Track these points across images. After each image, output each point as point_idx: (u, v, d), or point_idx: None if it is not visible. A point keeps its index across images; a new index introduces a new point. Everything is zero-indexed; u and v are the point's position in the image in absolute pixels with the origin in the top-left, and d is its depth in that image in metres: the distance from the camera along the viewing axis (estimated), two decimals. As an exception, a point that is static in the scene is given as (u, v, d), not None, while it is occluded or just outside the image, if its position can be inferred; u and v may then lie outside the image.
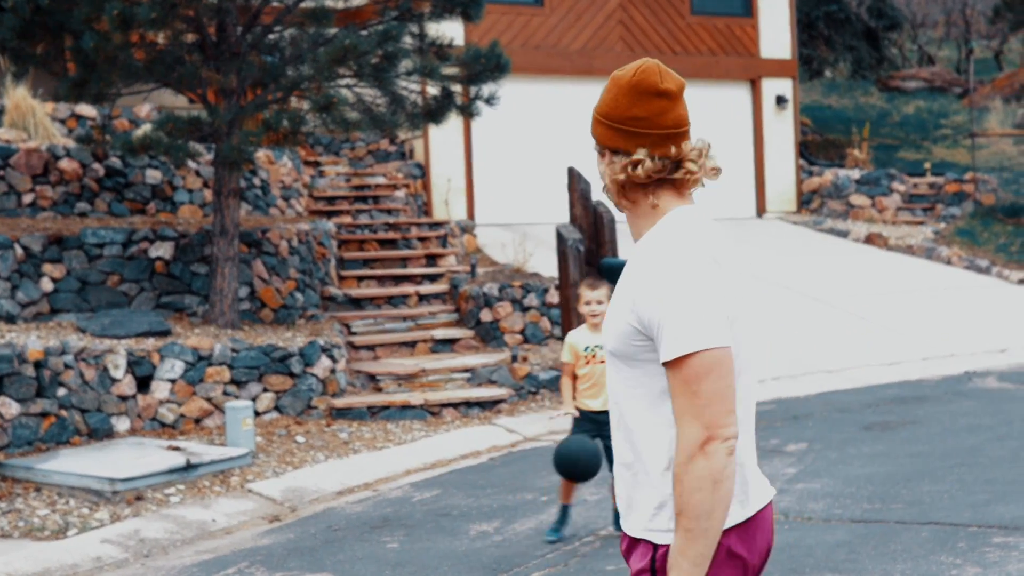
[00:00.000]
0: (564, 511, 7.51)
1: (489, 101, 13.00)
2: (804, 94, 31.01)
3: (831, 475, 8.77)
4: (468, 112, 13.04)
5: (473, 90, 13.18)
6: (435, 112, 13.07)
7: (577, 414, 7.32)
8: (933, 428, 10.27)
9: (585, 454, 6.98)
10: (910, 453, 9.34)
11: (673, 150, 2.86)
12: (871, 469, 8.88)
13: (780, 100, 22.09)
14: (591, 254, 12.67)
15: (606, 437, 6.95)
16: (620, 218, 19.74)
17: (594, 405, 7.20)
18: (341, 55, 11.36)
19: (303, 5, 12.34)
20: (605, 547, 7.27)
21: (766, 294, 16.64)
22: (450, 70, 13.08)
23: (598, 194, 13.18)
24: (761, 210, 22.02)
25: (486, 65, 12.69)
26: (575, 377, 7.34)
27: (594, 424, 7.20)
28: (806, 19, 30.53)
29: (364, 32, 12.37)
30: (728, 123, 21.96)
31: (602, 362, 6.92)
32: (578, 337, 7.37)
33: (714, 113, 21.77)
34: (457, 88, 13.16)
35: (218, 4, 11.80)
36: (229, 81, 12.12)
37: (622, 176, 2.89)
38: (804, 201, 22.37)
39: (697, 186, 2.95)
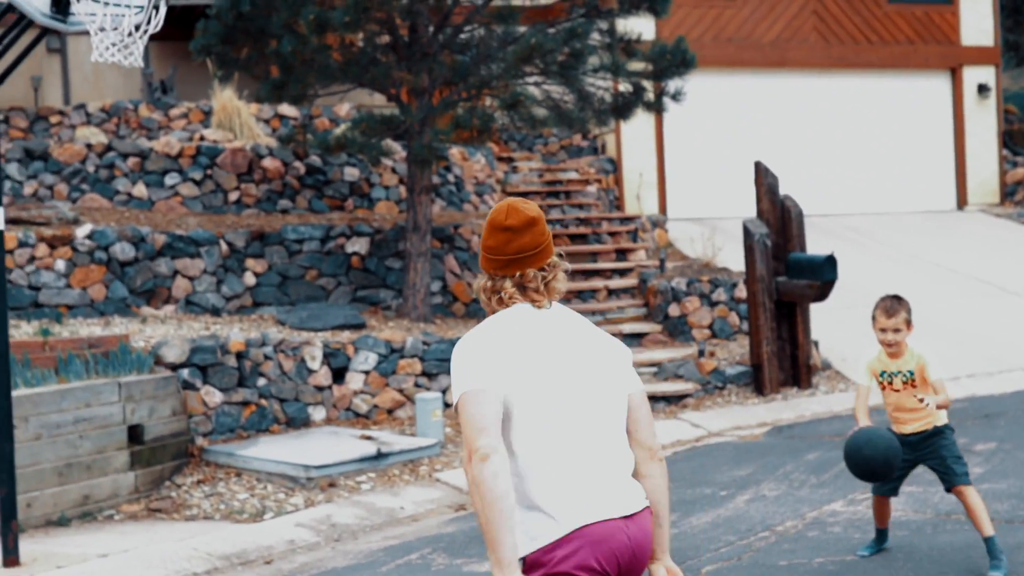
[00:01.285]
0: (880, 535, 6.96)
1: (675, 97, 13.07)
2: (1012, 81, 29.99)
3: (1019, 476, 8.59)
4: (655, 108, 13.14)
5: (660, 85, 13.25)
6: (622, 108, 13.20)
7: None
8: None
9: (872, 446, 6.24)
10: (1107, 454, 9.08)
11: (517, 273, 3.59)
12: (1063, 470, 8.67)
13: (982, 89, 21.44)
14: (778, 248, 12.61)
15: (921, 461, 6.69)
16: (808, 213, 19.53)
17: (906, 429, 6.65)
18: (527, 54, 11.59)
19: (492, 4, 12.61)
20: (780, 543, 7.30)
21: (964, 289, 16.25)
22: (637, 66, 13.18)
23: (785, 188, 13.14)
24: (962, 202, 21.42)
25: (672, 61, 12.75)
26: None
27: (908, 447, 6.64)
28: (1012, 3, 29.50)
29: (552, 30, 12.57)
30: (926, 113, 21.44)
31: (896, 390, 6.52)
32: (875, 362, 6.64)
33: (911, 103, 21.30)
34: (645, 84, 13.24)
35: (409, 6, 12.14)
36: (420, 80, 12.48)
37: (480, 290, 3.73)
38: (1008, 193, 21.68)
39: (546, 301, 3.63)
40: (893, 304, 6.51)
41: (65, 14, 7.16)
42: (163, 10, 7.40)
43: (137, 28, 7.49)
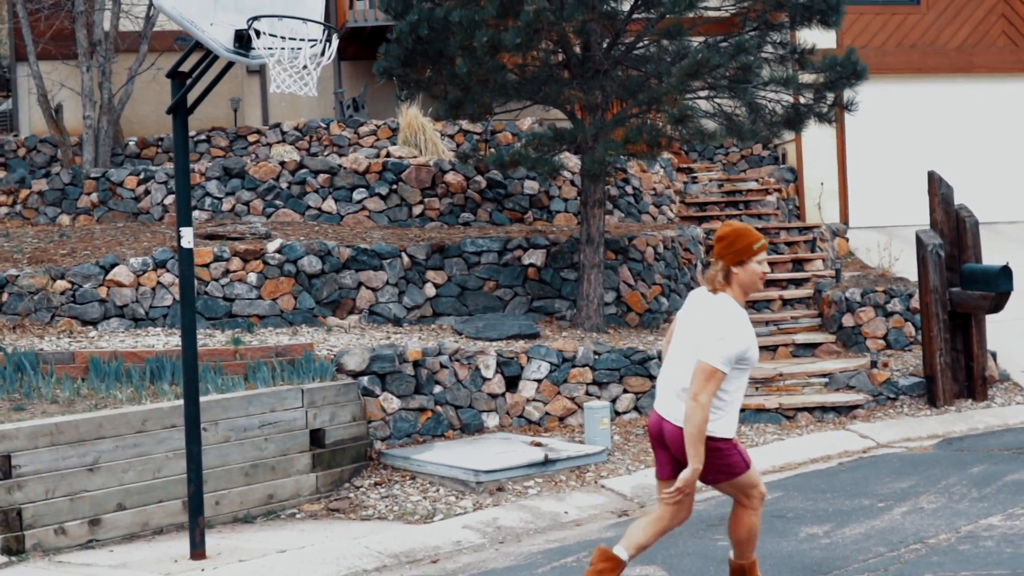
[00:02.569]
0: None
1: (848, 107, 13.11)
2: None
3: None
4: (827, 119, 13.19)
5: (832, 96, 13.30)
6: (794, 120, 13.29)
7: None
8: None
9: None
10: None
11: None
12: None
13: None
14: (952, 259, 12.55)
15: None
16: (996, 220, 19.16)
17: None
18: (695, 69, 11.81)
19: (663, 20, 12.86)
20: (929, 555, 7.40)
21: None
22: (808, 78, 13.26)
23: (961, 198, 13.05)
24: None
25: (843, 72, 12.80)
26: None
27: None
28: None
29: (724, 43, 12.76)
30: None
31: None
32: None
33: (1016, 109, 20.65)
34: (816, 95, 13.30)
35: (582, 24, 12.49)
36: (593, 97, 12.84)
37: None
38: None
39: (707, 286, 6.16)
40: None
41: (247, 48, 7.68)
42: (335, 43, 7.89)
43: (312, 59, 7.98)
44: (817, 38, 15.02)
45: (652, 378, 11.88)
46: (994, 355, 13.16)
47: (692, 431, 5.82)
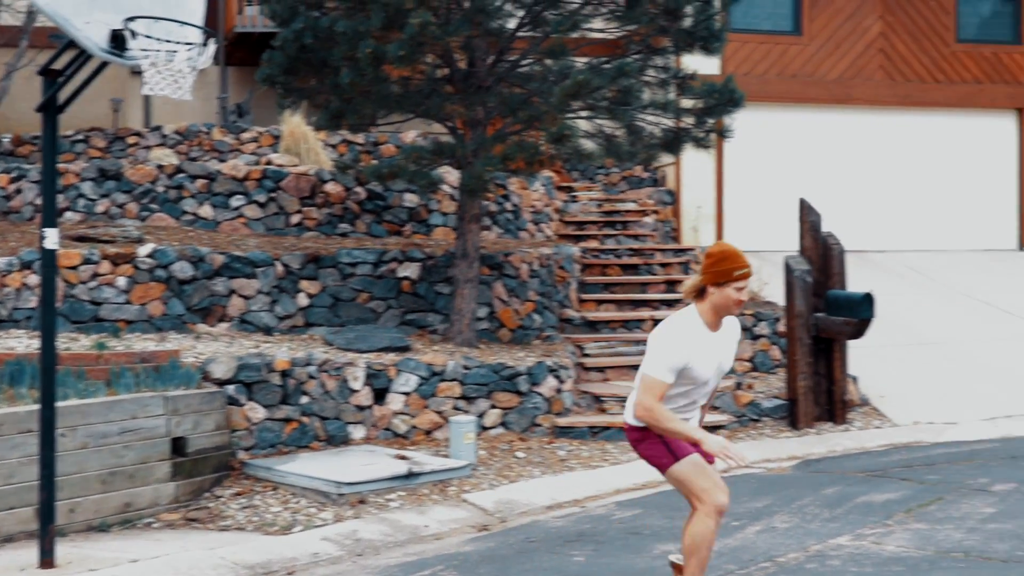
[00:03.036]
0: None
1: (724, 134, 13.34)
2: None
3: (1028, 517, 8.77)
4: (703, 145, 13.40)
5: (711, 122, 13.52)
6: (672, 144, 13.49)
7: None
8: None
9: None
10: (1120, 500, 9.20)
11: None
12: (1072, 514, 8.83)
13: (1049, 129, 21.44)
14: (819, 285, 12.84)
15: None
16: (867, 248, 19.65)
17: None
18: (576, 90, 11.94)
19: (548, 40, 12.97)
20: (778, 573, 7.56)
21: (1014, 330, 16.29)
22: (690, 102, 13.48)
23: (828, 225, 13.36)
24: (1023, 242, 21.41)
25: (720, 99, 13.03)
26: None
27: None
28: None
29: (607, 65, 12.91)
30: (991, 152, 21.48)
31: None
32: None
33: (976, 142, 21.35)
34: (695, 120, 13.51)
35: (467, 40, 12.56)
36: (475, 112, 12.91)
37: None
38: (1071, 234, 21.62)
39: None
40: None
41: (122, 49, 7.59)
42: (211, 49, 7.84)
43: (188, 63, 7.90)
44: (701, 64, 15.30)
45: (520, 394, 11.97)
46: (855, 380, 13.49)
47: (663, 430, 6.15)
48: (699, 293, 6.22)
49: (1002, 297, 17.80)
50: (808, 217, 13.07)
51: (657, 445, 6.32)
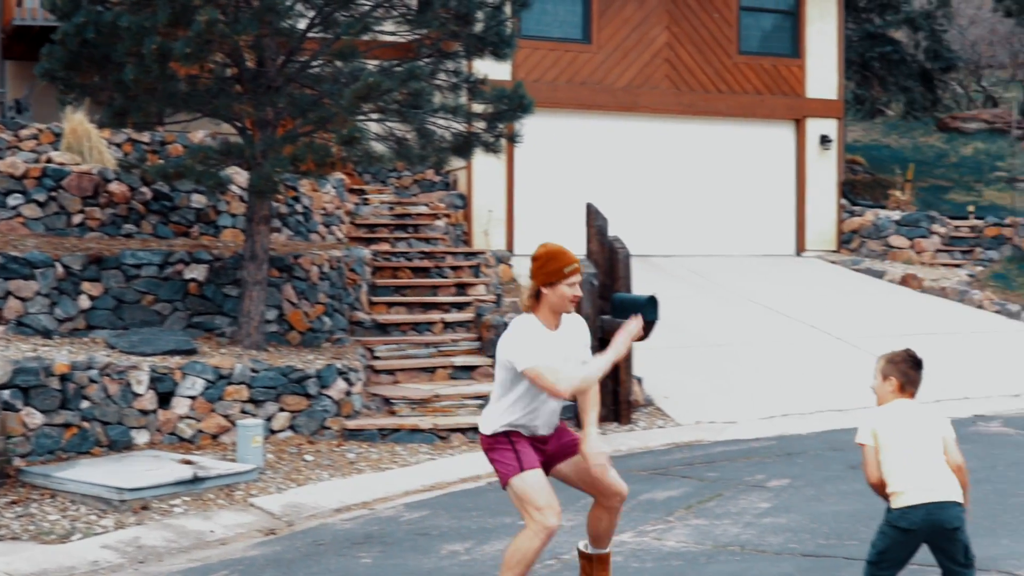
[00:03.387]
0: None
1: (513, 139, 13.50)
2: (863, 133, 31.19)
3: (800, 511, 9.13)
4: (493, 149, 13.54)
5: (501, 126, 13.66)
6: (462, 148, 13.58)
7: None
8: (917, 470, 10.54)
9: None
10: (885, 493, 9.64)
11: None
12: (841, 507, 9.22)
13: (824, 140, 22.39)
14: (605, 288, 13.10)
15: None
16: (652, 253, 20.16)
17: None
18: (366, 92, 11.92)
19: (339, 41, 12.91)
20: (562, 570, 7.70)
21: (792, 332, 16.93)
22: (480, 107, 13.60)
23: (615, 230, 13.65)
24: (801, 248, 22.31)
25: (510, 104, 13.18)
26: None
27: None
28: (860, 59, 30.74)
29: (399, 68, 12.92)
30: (771, 161, 22.32)
31: None
32: None
33: (758, 151, 22.15)
34: (485, 125, 13.64)
35: (256, 39, 12.40)
36: (264, 113, 12.75)
37: None
38: (844, 241, 22.61)
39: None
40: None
41: None
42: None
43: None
44: (492, 69, 15.43)
45: (310, 397, 11.88)
46: (640, 381, 13.81)
47: (598, 378, 6.30)
48: (535, 298, 6.26)
49: (781, 301, 18.48)
50: (595, 222, 13.33)
51: (507, 452, 6.27)
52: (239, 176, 15.17)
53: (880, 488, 5.77)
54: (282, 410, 11.78)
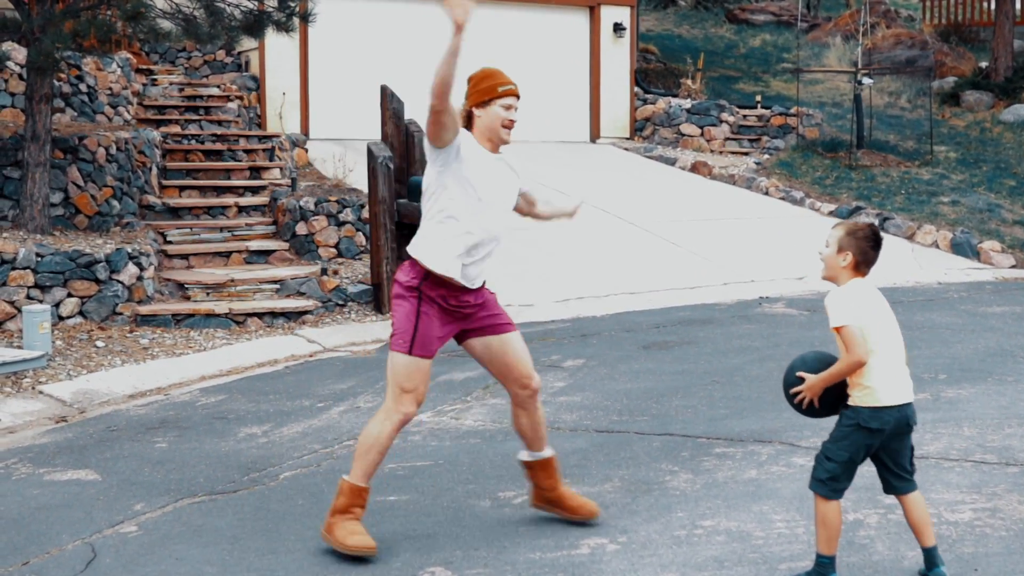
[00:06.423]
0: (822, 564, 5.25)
1: (306, 18, 13.22)
2: (656, 23, 31.54)
3: (594, 389, 9.33)
4: (284, 28, 13.24)
5: (294, 5, 13.34)
6: (253, 27, 13.24)
7: None
8: (705, 349, 10.90)
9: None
10: (675, 371, 9.95)
11: None
12: (633, 385, 9.46)
13: (617, 27, 22.56)
14: (401, 172, 13.01)
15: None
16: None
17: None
18: (151, -35, 11.47)
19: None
20: (361, 450, 7.71)
21: (586, 217, 17.16)
22: (269, -15, 13.26)
23: (411, 113, 13.55)
24: (595, 135, 22.55)
25: (303, -17, 12.87)
26: None
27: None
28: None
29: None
30: (566, 49, 22.39)
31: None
32: None
33: (552, 38, 22.18)
34: (276, 2, 13.31)
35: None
36: (43, -15, 12.16)
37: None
38: (637, 128, 22.95)
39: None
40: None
41: None
42: None
43: None
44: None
45: (99, 281, 11.54)
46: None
47: (447, 63, 5.51)
48: (467, 121, 5.78)
49: (575, 187, 18.67)
50: (390, 104, 13.18)
51: (409, 317, 5.67)
52: (17, 53, 14.47)
53: (855, 372, 5.12)
54: (70, 295, 11.42)
